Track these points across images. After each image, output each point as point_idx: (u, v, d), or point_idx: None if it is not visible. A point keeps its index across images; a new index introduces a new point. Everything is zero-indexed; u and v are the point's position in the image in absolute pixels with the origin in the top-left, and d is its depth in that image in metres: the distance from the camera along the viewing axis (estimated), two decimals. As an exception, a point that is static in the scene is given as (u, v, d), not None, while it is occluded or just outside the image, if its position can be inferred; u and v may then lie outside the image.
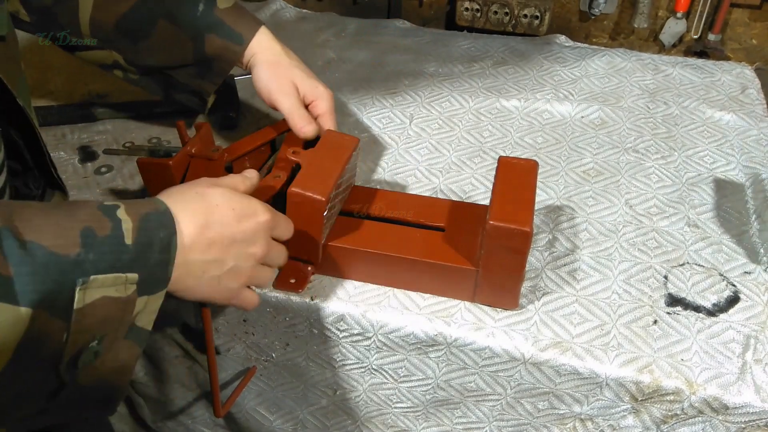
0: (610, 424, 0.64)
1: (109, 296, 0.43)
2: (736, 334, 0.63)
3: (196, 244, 0.50)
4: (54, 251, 0.41)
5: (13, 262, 0.39)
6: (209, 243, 0.51)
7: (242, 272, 0.55)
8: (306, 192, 0.61)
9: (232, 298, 0.56)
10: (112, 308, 0.44)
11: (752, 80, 0.99)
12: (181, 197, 0.51)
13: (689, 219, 0.75)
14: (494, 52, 1.07)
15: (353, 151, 0.67)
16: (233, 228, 0.52)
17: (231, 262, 0.53)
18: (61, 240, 0.41)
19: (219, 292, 0.54)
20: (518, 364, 0.63)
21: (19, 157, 0.61)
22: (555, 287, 0.68)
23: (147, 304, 0.47)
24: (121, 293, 0.44)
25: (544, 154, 0.86)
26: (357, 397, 0.74)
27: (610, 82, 0.99)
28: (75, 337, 0.42)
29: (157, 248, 0.46)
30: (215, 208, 0.52)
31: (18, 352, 0.39)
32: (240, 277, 0.55)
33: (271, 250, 0.57)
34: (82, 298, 0.42)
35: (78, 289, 0.41)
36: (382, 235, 0.67)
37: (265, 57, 0.73)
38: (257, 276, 0.57)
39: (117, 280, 0.43)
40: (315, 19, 1.20)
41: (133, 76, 0.77)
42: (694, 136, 0.88)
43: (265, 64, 0.73)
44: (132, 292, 0.44)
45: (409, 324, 0.65)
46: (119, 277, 0.43)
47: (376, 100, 0.96)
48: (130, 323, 0.46)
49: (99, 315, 0.43)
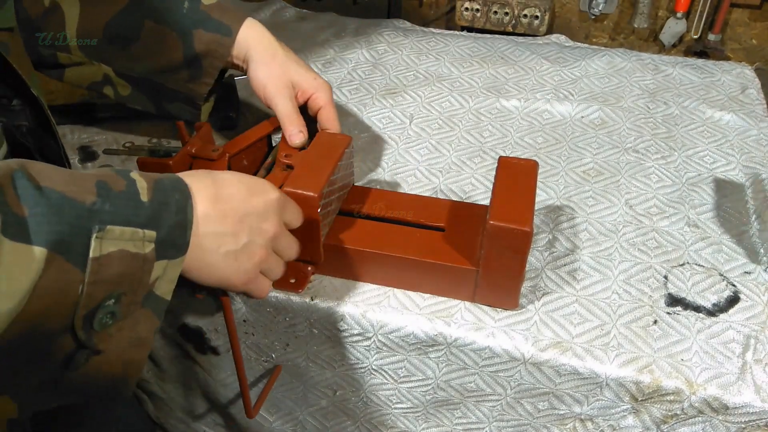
0: (610, 424, 0.64)
1: (127, 250, 0.42)
2: (736, 334, 0.63)
3: (209, 216, 0.50)
4: (70, 196, 0.41)
5: (27, 202, 0.39)
6: (222, 215, 0.51)
7: (256, 251, 0.54)
8: (298, 190, 0.61)
9: (248, 282, 0.56)
10: (130, 264, 0.43)
11: (752, 80, 0.99)
12: (190, 174, 0.51)
13: (689, 219, 0.75)
14: (494, 52, 1.07)
15: (345, 149, 0.67)
16: (245, 202, 0.52)
17: (245, 238, 0.53)
18: (75, 187, 0.41)
19: (236, 273, 0.54)
20: (518, 364, 0.63)
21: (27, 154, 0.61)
22: (555, 287, 0.68)
23: (166, 270, 0.46)
24: (140, 249, 0.43)
25: (544, 154, 0.86)
26: (357, 398, 0.74)
27: (610, 82, 0.99)
28: (91, 289, 0.41)
29: (174, 209, 0.46)
30: (226, 182, 0.52)
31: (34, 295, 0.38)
32: (254, 255, 0.54)
33: (283, 236, 0.57)
34: (98, 248, 0.41)
35: (94, 236, 0.41)
36: (382, 235, 0.67)
37: (259, 53, 0.73)
38: (270, 262, 0.57)
39: (135, 234, 0.43)
40: (315, 19, 1.20)
41: (124, 92, 0.77)
42: (694, 136, 0.88)
43: (260, 62, 0.73)
44: (150, 251, 0.44)
45: (409, 324, 0.65)
46: (137, 232, 0.43)
47: (376, 100, 0.96)
48: (149, 289, 0.45)
49: (116, 268, 0.42)
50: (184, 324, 0.76)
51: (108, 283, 0.42)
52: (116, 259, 0.42)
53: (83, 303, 0.41)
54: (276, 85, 0.72)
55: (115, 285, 0.43)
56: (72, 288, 0.41)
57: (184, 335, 0.77)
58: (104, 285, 0.42)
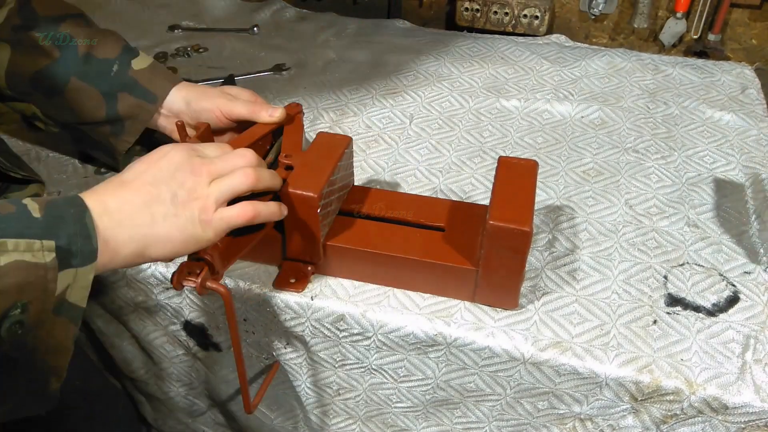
0: (609, 424, 0.64)
1: (24, 260, 0.43)
2: (735, 334, 0.63)
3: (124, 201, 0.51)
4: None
5: None
6: (135, 190, 0.52)
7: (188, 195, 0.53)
8: (298, 190, 0.61)
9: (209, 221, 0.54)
10: (30, 273, 0.44)
11: (752, 80, 0.99)
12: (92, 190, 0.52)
13: (689, 219, 0.75)
14: (494, 52, 1.07)
15: (345, 149, 0.67)
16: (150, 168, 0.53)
17: (167, 194, 0.52)
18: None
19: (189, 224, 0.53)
20: (518, 364, 0.63)
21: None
22: (555, 287, 0.68)
23: (76, 277, 0.47)
24: (39, 259, 0.44)
25: (544, 154, 0.86)
26: (357, 397, 0.74)
27: (610, 82, 0.99)
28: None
29: (71, 220, 0.47)
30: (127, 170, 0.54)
31: None
32: (188, 201, 0.53)
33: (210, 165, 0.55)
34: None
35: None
36: (382, 235, 0.67)
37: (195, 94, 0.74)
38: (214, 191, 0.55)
39: (30, 245, 0.44)
40: (315, 19, 1.20)
41: (53, 129, 0.79)
42: (694, 136, 0.88)
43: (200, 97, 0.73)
44: (51, 260, 0.45)
45: (408, 324, 0.65)
46: (33, 243, 0.44)
47: (376, 100, 0.96)
48: (60, 298, 0.46)
49: (16, 278, 0.43)
50: (187, 320, 0.76)
51: (10, 292, 0.43)
52: (13, 270, 0.43)
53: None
54: (225, 98, 0.73)
55: (17, 294, 0.43)
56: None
57: (186, 331, 0.77)
58: (6, 295, 0.43)
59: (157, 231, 0.52)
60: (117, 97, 0.73)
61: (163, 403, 0.91)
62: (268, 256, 0.70)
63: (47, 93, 0.74)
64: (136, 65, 0.74)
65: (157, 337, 0.80)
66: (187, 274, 0.56)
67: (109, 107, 0.73)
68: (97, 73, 0.73)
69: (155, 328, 0.80)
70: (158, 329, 0.80)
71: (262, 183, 0.57)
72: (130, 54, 0.74)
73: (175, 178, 0.53)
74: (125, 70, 0.73)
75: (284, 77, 1.03)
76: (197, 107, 0.73)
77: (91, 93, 0.73)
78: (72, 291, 0.47)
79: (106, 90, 0.73)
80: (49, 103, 0.75)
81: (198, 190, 0.54)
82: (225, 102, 0.72)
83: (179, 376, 0.86)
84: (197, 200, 0.54)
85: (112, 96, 0.73)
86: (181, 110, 0.74)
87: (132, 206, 0.51)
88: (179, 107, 0.74)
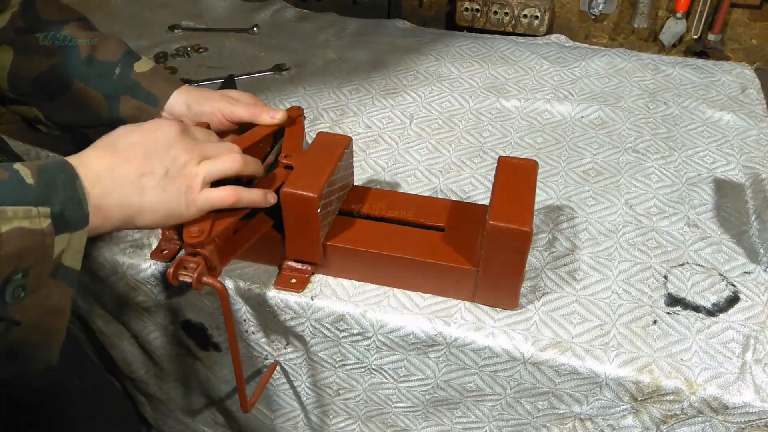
0: (609, 424, 0.64)
1: (23, 227, 0.45)
2: (735, 334, 0.63)
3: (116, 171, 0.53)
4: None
5: None
6: (125, 160, 0.54)
7: (177, 172, 0.56)
8: (298, 190, 0.61)
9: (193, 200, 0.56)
10: (29, 239, 0.46)
11: (752, 80, 0.99)
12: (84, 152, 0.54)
13: (689, 219, 0.75)
14: (494, 52, 1.07)
15: (345, 149, 0.67)
16: (144, 140, 0.55)
17: (159, 169, 0.55)
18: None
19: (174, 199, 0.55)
20: (518, 364, 0.63)
21: None
22: (555, 287, 0.68)
23: (70, 242, 0.49)
24: (37, 225, 0.46)
25: (544, 154, 0.86)
26: (357, 397, 0.74)
27: (610, 82, 0.99)
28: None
29: (62, 187, 0.48)
30: (121, 136, 0.56)
31: None
32: (177, 177, 0.56)
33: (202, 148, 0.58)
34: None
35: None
36: (382, 235, 0.67)
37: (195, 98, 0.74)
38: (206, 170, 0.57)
39: (28, 212, 0.46)
40: (315, 19, 1.20)
41: (55, 131, 0.80)
42: (694, 136, 0.88)
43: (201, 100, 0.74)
44: (48, 225, 0.47)
45: (408, 324, 0.65)
46: (30, 210, 0.46)
47: (376, 100, 0.96)
48: (56, 262, 0.48)
49: (16, 245, 0.45)
50: (186, 320, 0.76)
51: (11, 258, 0.45)
52: (15, 237, 0.45)
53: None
54: (226, 101, 0.73)
55: (19, 260, 0.45)
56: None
57: (186, 331, 0.77)
58: (8, 261, 0.45)
59: (144, 201, 0.54)
60: (119, 99, 0.74)
61: (163, 403, 0.91)
62: (268, 256, 0.70)
63: (50, 95, 0.74)
64: (138, 68, 0.74)
65: (157, 337, 0.80)
66: (183, 268, 0.57)
67: (111, 110, 0.74)
68: (100, 76, 0.73)
69: (155, 328, 0.80)
70: (158, 329, 0.80)
71: (248, 168, 0.61)
72: (132, 57, 0.75)
73: (169, 154, 0.56)
74: (128, 73, 0.74)
75: (284, 77, 1.03)
76: (198, 110, 0.73)
77: (93, 95, 0.73)
78: (67, 255, 0.49)
79: (108, 92, 0.73)
80: (52, 106, 0.75)
81: (188, 168, 0.57)
82: (226, 105, 0.72)
83: (179, 376, 0.86)
84: (185, 177, 0.56)
85: (115, 98, 0.74)
86: (183, 113, 0.74)
87: (125, 178, 0.53)
88: (180, 110, 0.74)
